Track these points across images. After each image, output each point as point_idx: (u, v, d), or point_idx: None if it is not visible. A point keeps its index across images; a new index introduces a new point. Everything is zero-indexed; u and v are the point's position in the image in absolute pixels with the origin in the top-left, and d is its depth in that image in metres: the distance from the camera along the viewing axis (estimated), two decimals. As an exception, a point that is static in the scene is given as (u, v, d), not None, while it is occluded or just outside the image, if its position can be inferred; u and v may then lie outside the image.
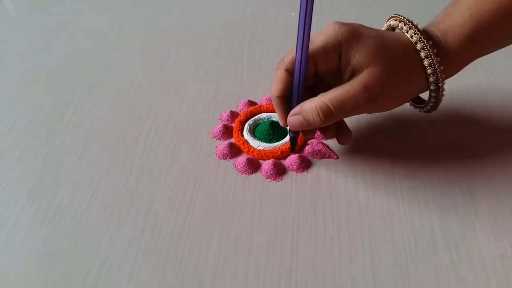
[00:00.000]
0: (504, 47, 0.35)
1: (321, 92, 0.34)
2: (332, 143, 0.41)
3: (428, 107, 0.36)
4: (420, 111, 0.38)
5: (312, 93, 0.35)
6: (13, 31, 0.57)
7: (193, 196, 0.37)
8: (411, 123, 0.42)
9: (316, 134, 0.41)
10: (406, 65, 0.33)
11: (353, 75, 0.32)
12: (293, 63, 0.33)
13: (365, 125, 0.42)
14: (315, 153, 0.40)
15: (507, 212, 0.35)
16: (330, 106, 0.32)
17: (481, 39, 0.33)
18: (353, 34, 0.32)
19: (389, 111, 0.38)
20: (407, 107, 0.43)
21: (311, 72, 0.34)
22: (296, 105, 0.34)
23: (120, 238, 0.35)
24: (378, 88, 0.32)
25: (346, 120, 0.42)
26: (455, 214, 0.35)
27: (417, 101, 0.37)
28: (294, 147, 0.39)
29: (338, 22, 0.33)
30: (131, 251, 0.34)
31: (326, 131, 0.37)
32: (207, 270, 0.32)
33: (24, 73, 0.50)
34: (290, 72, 0.34)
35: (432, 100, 0.35)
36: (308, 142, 0.40)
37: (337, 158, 0.39)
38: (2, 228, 0.36)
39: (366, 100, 0.32)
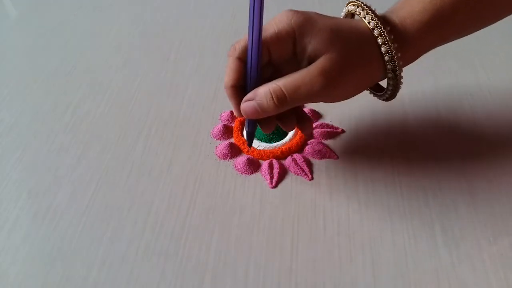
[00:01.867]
0: (466, 35, 0.34)
1: None
2: (332, 143, 0.41)
3: (387, 95, 0.35)
4: (379, 99, 0.37)
5: None
6: (13, 31, 0.57)
7: (193, 196, 0.37)
8: (411, 122, 0.42)
9: (316, 134, 0.41)
10: (363, 51, 0.32)
11: (310, 62, 0.31)
12: (246, 51, 0.32)
13: (365, 124, 0.42)
14: (315, 153, 0.40)
15: (507, 212, 0.35)
16: (284, 91, 0.31)
17: (440, 26, 0.32)
18: (307, 21, 0.31)
19: (389, 111, 0.38)
20: (407, 106, 0.43)
21: (265, 60, 0.32)
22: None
23: (120, 238, 0.35)
24: (335, 73, 0.30)
25: (346, 120, 0.42)
26: (455, 214, 0.35)
27: (377, 89, 0.36)
28: (251, 142, 0.36)
29: (291, 10, 0.32)
30: (131, 251, 0.34)
31: (286, 123, 0.35)
32: (207, 270, 0.32)
33: (24, 73, 0.50)
34: (242, 60, 0.32)
35: (390, 88, 0.34)
36: (308, 142, 0.40)
37: (337, 158, 0.39)
38: (2, 228, 0.36)
39: (322, 86, 0.30)
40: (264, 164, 0.39)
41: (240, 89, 0.33)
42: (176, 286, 0.32)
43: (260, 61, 0.31)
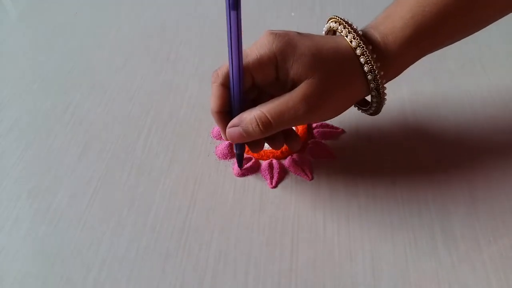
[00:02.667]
0: (447, 45, 0.34)
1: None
2: (332, 143, 0.41)
3: (371, 111, 0.35)
4: (365, 114, 0.37)
5: (257, 105, 0.33)
6: (13, 31, 0.57)
7: (193, 196, 0.37)
8: (411, 123, 0.42)
9: (316, 134, 0.41)
10: (345, 73, 0.32)
11: (294, 85, 0.32)
12: (228, 77, 0.32)
13: (365, 125, 0.42)
14: (315, 153, 0.40)
15: (507, 212, 0.35)
16: (268, 117, 0.31)
17: (422, 42, 0.32)
18: (288, 45, 0.31)
19: (389, 111, 0.38)
20: (407, 106, 0.43)
21: (248, 85, 0.33)
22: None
23: (120, 238, 0.35)
24: (317, 98, 0.31)
25: (346, 120, 0.42)
26: (455, 214, 0.35)
27: (363, 103, 0.37)
28: (241, 163, 0.38)
29: (272, 32, 0.32)
30: (131, 251, 0.34)
31: (274, 142, 0.35)
32: (207, 270, 0.32)
33: (24, 73, 0.50)
34: (226, 86, 0.33)
35: (374, 105, 0.34)
36: (308, 142, 0.40)
37: (337, 158, 0.39)
38: (2, 228, 0.36)
39: (305, 111, 0.31)
40: (264, 164, 0.39)
41: (226, 114, 0.34)
42: (176, 286, 0.32)
43: (242, 87, 0.32)
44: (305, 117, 0.31)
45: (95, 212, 0.36)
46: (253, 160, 0.39)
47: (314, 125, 0.42)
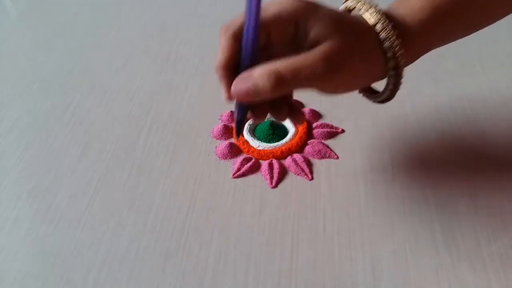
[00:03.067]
0: (466, 35, 0.34)
1: None
2: (332, 143, 0.41)
3: (385, 96, 0.33)
4: (375, 102, 0.35)
5: None
6: (13, 31, 0.57)
7: (193, 196, 0.37)
8: (411, 122, 0.42)
9: (316, 134, 0.41)
10: (365, 44, 0.30)
11: (312, 47, 0.29)
12: (241, 29, 0.30)
13: (365, 124, 0.42)
14: (315, 153, 0.40)
15: (507, 212, 0.35)
16: (283, 71, 0.28)
17: (440, 24, 0.32)
18: (310, 5, 0.30)
19: (389, 111, 0.38)
20: (407, 106, 0.43)
21: (262, 43, 0.30)
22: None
23: (120, 238, 0.35)
24: (338, 60, 0.29)
25: (346, 120, 0.42)
26: (455, 214, 0.35)
27: (371, 93, 0.35)
28: (240, 132, 0.33)
29: None
30: (131, 251, 0.34)
31: (278, 112, 0.32)
32: (207, 270, 0.32)
33: (24, 73, 0.50)
34: (237, 38, 0.30)
35: (390, 87, 0.32)
36: (308, 142, 0.40)
37: (337, 158, 0.39)
38: (2, 228, 0.36)
39: (323, 71, 0.28)
40: (264, 164, 0.39)
41: (232, 70, 0.31)
42: (176, 286, 0.32)
43: (257, 39, 0.29)
44: (321, 78, 0.29)
45: (95, 212, 0.36)
46: (253, 160, 0.39)
47: (314, 124, 0.42)
